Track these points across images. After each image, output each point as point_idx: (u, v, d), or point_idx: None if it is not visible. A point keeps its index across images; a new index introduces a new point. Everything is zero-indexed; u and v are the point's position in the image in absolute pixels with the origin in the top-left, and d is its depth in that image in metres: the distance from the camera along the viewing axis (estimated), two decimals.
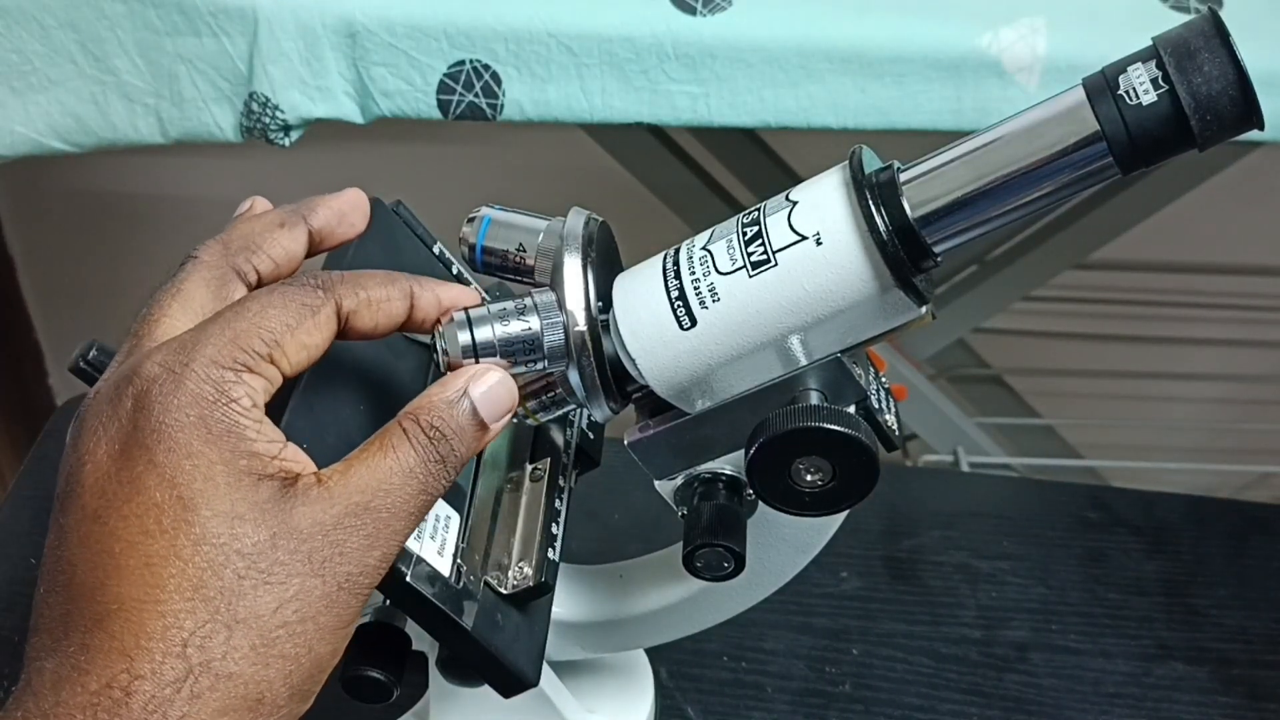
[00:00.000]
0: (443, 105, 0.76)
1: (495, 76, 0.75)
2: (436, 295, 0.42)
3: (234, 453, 0.35)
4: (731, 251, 0.40)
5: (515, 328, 0.42)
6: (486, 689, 0.46)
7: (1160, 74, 0.34)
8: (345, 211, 0.43)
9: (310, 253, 0.43)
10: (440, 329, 0.42)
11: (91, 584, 0.34)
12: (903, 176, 0.38)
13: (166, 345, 0.37)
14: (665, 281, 0.41)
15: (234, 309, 0.37)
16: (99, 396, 0.37)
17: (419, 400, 0.39)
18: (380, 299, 0.40)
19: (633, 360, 0.42)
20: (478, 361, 0.41)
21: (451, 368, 0.42)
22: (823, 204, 0.39)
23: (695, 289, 0.40)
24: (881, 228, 0.38)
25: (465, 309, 0.42)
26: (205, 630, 0.34)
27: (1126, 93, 0.35)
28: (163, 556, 0.34)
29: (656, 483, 0.46)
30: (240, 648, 0.34)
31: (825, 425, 0.39)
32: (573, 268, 0.42)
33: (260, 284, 0.41)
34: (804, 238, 0.39)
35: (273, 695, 0.35)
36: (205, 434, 0.35)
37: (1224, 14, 0.34)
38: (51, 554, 0.36)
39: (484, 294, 0.44)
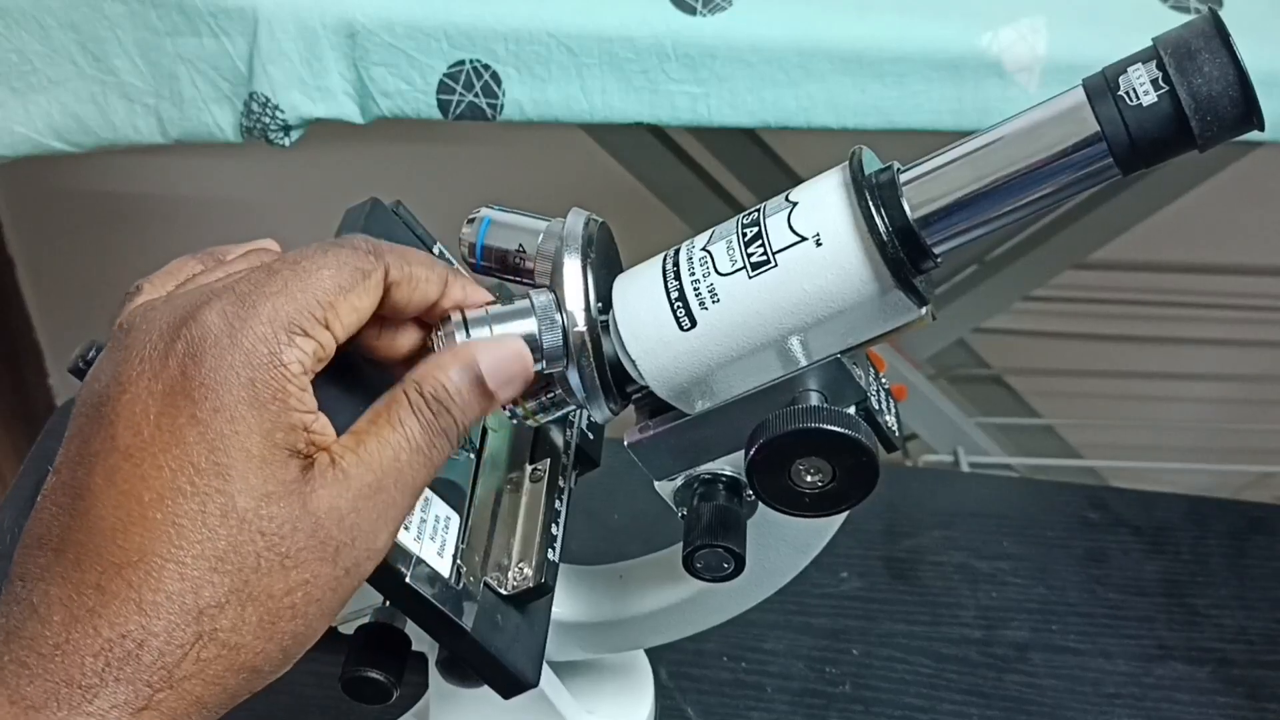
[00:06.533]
0: (443, 105, 0.76)
1: (495, 76, 0.75)
2: (464, 291, 0.42)
3: (274, 423, 0.35)
4: (731, 252, 0.40)
5: (514, 329, 0.41)
6: (486, 689, 0.46)
7: (1160, 74, 0.34)
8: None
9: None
10: (438, 332, 0.42)
11: (113, 524, 0.34)
12: (903, 177, 0.38)
13: (229, 293, 0.36)
14: (665, 282, 0.41)
15: (290, 266, 0.37)
16: (153, 319, 0.36)
17: (424, 367, 0.39)
18: (421, 278, 0.40)
19: (632, 361, 0.42)
20: None
21: None
22: (822, 205, 0.39)
23: (695, 290, 0.40)
24: (881, 229, 0.38)
25: (462, 311, 0.42)
26: (220, 602, 0.34)
27: (1126, 93, 0.35)
28: (191, 520, 0.34)
29: (656, 483, 0.46)
30: (249, 622, 0.35)
31: (825, 426, 0.39)
32: (572, 269, 0.42)
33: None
34: (804, 239, 0.39)
35: (269, 664, 0.36)
36: (252, 397, 0.35)
37: (1224, 14, 0.34)
38: (68, 469, 0.35)
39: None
